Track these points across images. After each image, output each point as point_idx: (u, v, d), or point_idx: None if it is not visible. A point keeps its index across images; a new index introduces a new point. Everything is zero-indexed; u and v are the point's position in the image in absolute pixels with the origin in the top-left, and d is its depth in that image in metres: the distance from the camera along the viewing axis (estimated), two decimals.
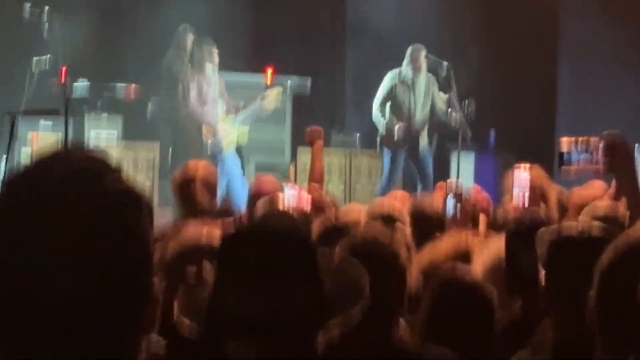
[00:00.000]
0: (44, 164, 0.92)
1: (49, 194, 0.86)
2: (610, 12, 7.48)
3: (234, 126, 7.77)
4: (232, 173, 7.03)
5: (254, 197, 4.29)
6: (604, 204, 3.38)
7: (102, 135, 7.39)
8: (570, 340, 1.87)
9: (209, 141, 7.53)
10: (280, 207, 3.82)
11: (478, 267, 2.74)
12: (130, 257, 0.86)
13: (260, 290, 1.44)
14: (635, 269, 1.52)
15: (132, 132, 7.71)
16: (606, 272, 1.56)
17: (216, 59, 7.69)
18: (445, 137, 7.37)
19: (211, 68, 7.69)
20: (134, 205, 0.90)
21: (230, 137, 7.45)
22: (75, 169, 0.89)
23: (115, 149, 7.12)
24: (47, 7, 7.27)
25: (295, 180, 6.49)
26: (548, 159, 5.48)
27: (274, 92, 7.54)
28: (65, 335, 0.82)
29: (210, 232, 2.44)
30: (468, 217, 4.14)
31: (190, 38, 7.51)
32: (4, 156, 6.66)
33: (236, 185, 6.83)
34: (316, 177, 4.67)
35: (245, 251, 1.53)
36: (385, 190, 6.46)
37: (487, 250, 2.89)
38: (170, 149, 7.46)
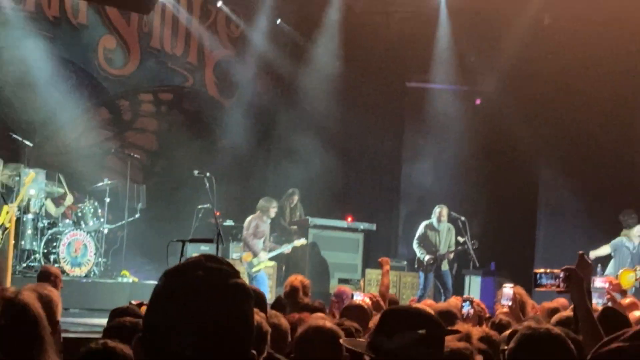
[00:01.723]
0: (194, 263, 1.36)
1: (194, 283, 1.30)
2: (582, 179, 10.86)
3: (266, 258, 10.39)
4: (262, 287, 9.05)
5: (337, 297, 6.36)
6: (563, 314, 4.25)
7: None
8: None
9: (246, 263, 10.13)
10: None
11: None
12: (239, 333, 1.30)
13: None
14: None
15: None
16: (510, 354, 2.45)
17: (273, 213, 10.46)
18: (461, 265, 10.66)
19: (268, 216, 10.46)
20: (247, 296, 1.33)
21: (262, 264, 10.10)
22: (212, 267, 1.34)
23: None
24: (207, 173, 10.84)
25: (364, 290, 9.66)
26: (528, 282, 8.75)
27: (300, 242, 10.56)
28: None
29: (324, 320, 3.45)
30: (476, 317, 5.43)
31: (296, 198, 11.04)
32: None
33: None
34: (384, 289, 6.44)
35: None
36: (420, 299, 9.25)
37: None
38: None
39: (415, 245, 10.81)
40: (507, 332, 3.51)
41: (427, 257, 10.59)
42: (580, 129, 10.79)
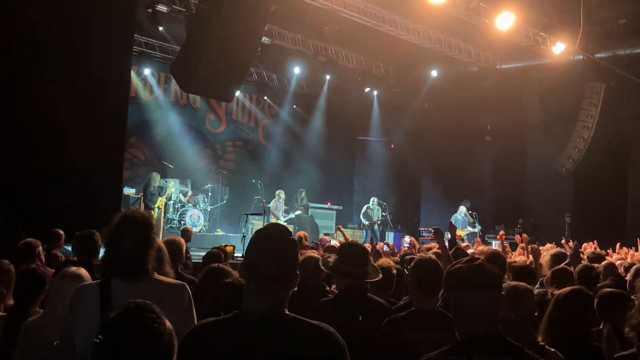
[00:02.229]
0: (267, 226, 2.10)
1: (267, 234, 2.19)
2: (444, 182, 20.22)
3: (283, 220, 15.10)
4: None
5: (322, 242, 9.93)
6: (436, 251, 6.05)
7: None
8: None
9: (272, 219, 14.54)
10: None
11: None
12: None
13: None
14: None
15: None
16: None
17: (281, 197, 16.36)
18: (384, 227, 18.85)
19: (280, 199, 16.25)
20: (292, 241, 2.26)
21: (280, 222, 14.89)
22: (275, 227, 2.27)
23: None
24: (259, 180, 19.86)
25: (335, 239, 15.78)
26: (416, 234, 17.86)
27: (297, 213, 19.38)
28: None
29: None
30: (390, 253, 8.07)
31: (303, 193, 18.40)
32: (243, 230, 13.39)
33: None
34: (346, 238, 8.60)
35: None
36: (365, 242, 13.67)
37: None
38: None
39: (361, 217, 18.46)
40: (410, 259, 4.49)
41: (367, 223, 18.21)
42: (444, 159, 19.91)
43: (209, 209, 17.43)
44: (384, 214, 18.56)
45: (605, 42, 14.95)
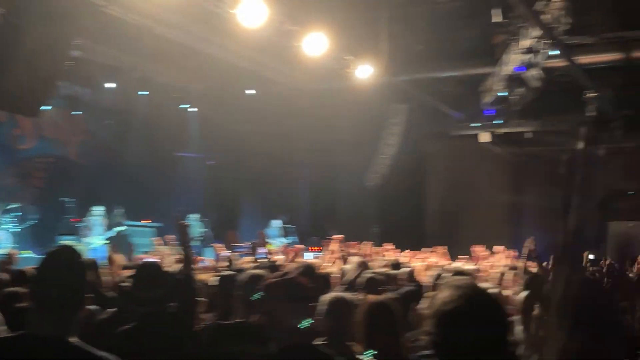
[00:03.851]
0: None
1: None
2: (260, 195, 20.70)
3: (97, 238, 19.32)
4: None
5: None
6: None
7: None
8: None
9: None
10: None
11: None
12: None
13: None
14: None
15: None
16: None
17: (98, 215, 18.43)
18: (204, 241, 19.97)
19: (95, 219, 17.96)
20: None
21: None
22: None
23: None
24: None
25: None
26: None
27: None
28: None
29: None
30: None
31: (119, 213, 19.36)
32: None
33: None
34: None
35: None
36: None
37: None
38: None
39: None
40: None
41: None
42: (262, 175, 20.42)
43: (18, 230, 16.45)
44: (204, 230, 18.35)
45: (407, 67, 16.16)
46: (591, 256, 10.68)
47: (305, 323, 2.61)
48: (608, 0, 14.57)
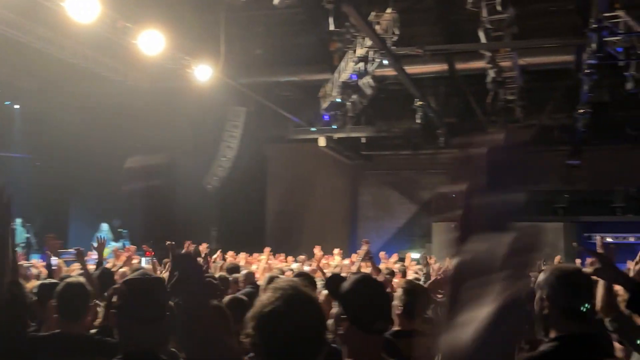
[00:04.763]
0: None
1: None
2: (89, 196, 19.85)
3: None
4: None
5: None
6: None
7: None
8: None
9: None
10: None
11: None
12: None
13: None
14: None
15: None
16: None
17: None
18: (29, 247, 18.66)
19: None
20: None
21: None
22: None
23: None
24: None
25: None
26: None
27: None
28: None
29: None
30: None
31: None
32: None
33: None
34: None
35: None
36: None
37: None
38: None
39: None
40: None
41: None
42: (95, 177, 19.34)
43: None
44: (27, 235, 17.29)
45: (246, 70, 16.21)
46: (415, 255, 11.35)
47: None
48: (433, 14, 15.62)
